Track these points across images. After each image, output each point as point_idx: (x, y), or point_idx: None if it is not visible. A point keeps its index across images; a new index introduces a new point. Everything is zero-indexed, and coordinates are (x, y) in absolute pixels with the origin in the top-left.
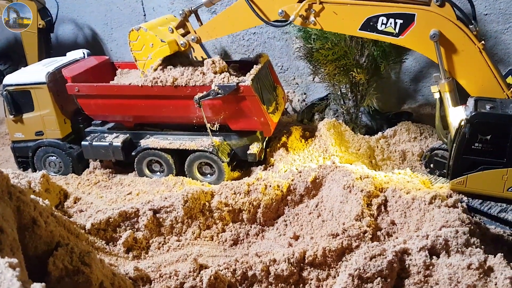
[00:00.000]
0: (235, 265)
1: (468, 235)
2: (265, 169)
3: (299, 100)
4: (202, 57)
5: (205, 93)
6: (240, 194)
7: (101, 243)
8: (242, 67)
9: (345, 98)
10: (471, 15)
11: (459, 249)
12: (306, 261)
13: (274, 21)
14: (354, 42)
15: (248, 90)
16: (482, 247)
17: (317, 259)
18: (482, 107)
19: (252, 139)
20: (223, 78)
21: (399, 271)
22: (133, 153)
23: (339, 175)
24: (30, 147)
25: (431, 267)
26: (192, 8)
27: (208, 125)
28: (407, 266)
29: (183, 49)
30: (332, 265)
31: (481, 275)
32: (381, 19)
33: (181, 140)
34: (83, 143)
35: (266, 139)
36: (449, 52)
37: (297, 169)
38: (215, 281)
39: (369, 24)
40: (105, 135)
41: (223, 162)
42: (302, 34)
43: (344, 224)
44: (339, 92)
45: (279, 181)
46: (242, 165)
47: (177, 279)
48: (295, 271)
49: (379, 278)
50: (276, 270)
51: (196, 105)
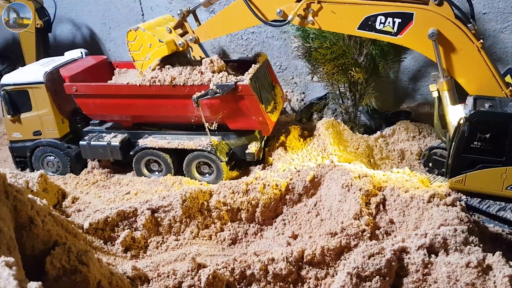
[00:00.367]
0: (233, 264)
1: (467, 233)
2: (263, 168)
3: (297, 100)
4: (200, 56)
5: (203, 92)
6: (238, 194)
7: (99, 242)
8: (240, 66)
9: (343, 97)
10: (470, 13)
11: (457, 247)
12: (305, 260)
13: (272, 21)
14: (353, 41)
15: (246, 89)
16: (481, 245)
17: (315, 258)
18: (481, 105)
19: (251, 138)
20: (221, 77)
21: (398, 269)
22: (131, 153)
23: (337, 174)
24: (28, 147)
25: (429, 265)
26: (190, 8)
27: (206, 125)
28: (405, 264)
29: (181, 49)
30: (331, 264)
31: (479, 274)
32: (379, 18)
33: (179, 140)
34: (81, 142)
35: (265, 138)
36: (447, 51)
37: (295, 168)
38: (214, 280)
39: (368, 24)
40: (103, 134)
41: (221, 161)
42: (300, 33)
43: (342, 223)
44: (337, 91)
45: (277, 180)
46: (241, 164)
47: (175, 278)
48: (293, 270)
49: (377, 277)
50: (275, 269)
51: (194, 104)
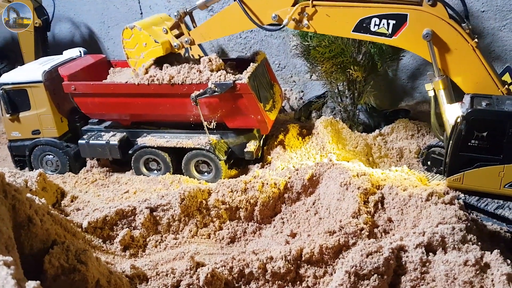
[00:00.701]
0: (232, 263)
1: (465, 231)
2: (262, 167)
3: (296, 98)
4: (199, 55)
5: (201, 91)
6: (237, 192)
7: (98, 241)
8: (239, 65)
9: (342, 96)
10: (464, 13)
11: (455, 245)
12: (303, 258)
13: (267, 25)
14: (351, 40)
15: (244, 88)
16: (479, 243)
17: (314, 256)
18: (478, 104)
19: (249, 137)
20: (220, 76)
21: (396, 268)
22: (130, 152)
23: (336, 172)
24: (27, 146)
25: (427, 263)
26: (187, 10)
27: (205, 123)
28: (403, 263)
29: (176, 51)
30: (329, 262)
31: (477, 272)
32: (373, 20)
33: (178, 139)
34: (80, 141)
35: (263, 137)
36: (442, 51)
37: (294, 167)
38: (212, 279)
39: (362, 26)
40: (102, 133)
41: (220, 160)
42: (299, 32)
43: (341, 222)
44: (336, 90)
45: (276, 179)
46: (239, 163)
47: (174, 277)
48: (292, 268)
49: (375, 275)
50: (273, 267)
51: (192, 103)
